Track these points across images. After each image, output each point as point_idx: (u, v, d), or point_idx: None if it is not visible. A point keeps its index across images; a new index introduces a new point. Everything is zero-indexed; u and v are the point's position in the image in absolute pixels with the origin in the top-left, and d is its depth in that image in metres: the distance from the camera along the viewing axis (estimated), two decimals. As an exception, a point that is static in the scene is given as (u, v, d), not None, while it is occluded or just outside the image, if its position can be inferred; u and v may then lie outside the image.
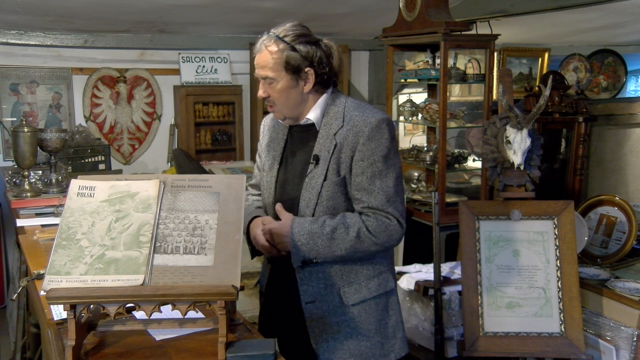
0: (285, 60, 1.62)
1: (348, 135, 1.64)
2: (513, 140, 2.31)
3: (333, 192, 1.65)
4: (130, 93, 4.64)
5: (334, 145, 1.65)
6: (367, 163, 1.62)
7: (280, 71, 1.63)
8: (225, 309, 1.32)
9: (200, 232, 1.40)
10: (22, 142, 2.89)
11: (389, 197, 1.63)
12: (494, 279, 2.33)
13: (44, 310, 1.59)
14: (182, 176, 1.52)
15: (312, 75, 1.65)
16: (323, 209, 1.66)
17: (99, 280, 1.32)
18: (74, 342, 1.31)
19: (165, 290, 1.30)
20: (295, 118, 1.72)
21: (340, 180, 1.65)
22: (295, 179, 1.72)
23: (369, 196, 1.63)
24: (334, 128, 1.67)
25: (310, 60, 1.64)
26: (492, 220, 2.39)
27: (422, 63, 3.68)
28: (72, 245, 1.37)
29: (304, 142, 1.74)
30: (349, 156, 1.64)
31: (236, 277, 1.33)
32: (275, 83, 1.65)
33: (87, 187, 1.46)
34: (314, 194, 1.66)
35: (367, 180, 1.62)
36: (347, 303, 1.68)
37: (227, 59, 4.85)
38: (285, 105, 1.68)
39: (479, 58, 3.87)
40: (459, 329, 2.46)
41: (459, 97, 5.15)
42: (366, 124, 1.62)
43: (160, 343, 1.43)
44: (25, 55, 4.22)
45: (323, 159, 1.66)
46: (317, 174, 1.66)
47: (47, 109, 4.35)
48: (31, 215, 2.74)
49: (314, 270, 1.68)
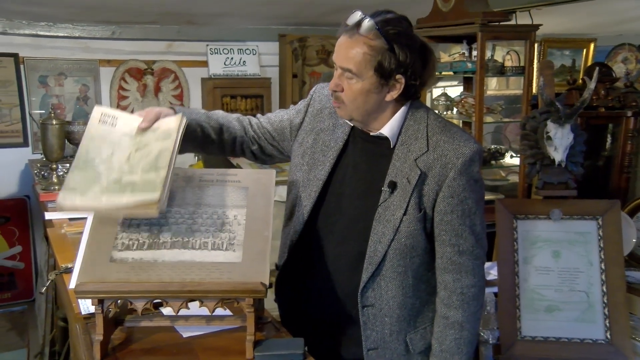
0: (379, 61, 1.39)
1: (434, 166, 1.44)
2: (554, 136, 2.27)
3: (414, 230, 1.46)
4: (157, 85, 4.70)
5: (418, 175, 1.45)
6: (457, 200, 1.44)
7: (368, 70, 1.40)
8: (253, 306, 1.33)
9: (228, 228, 1.41)
10: (51, 134, 2.96)
11: (477, 236, 1.49)
12: (532, 280, 2.29)
13: (71, 304, 1.62)
14: (210, 170, 1.54)
15: (402, 84, 1.44)
16: (400, 246, 1.47)
17: (114, 200, 1.33)
18: (102, 337, 1.33)
19: (193, 286, 1.32)
20: (364, 124, 1.52)
21: (422, 216, 1.47)
22: (357, 201, 1.53)
23: (458, 238, 1.47)
24: (415, 152, 1.46)
25: (405, 68, 1.41)
26: (530, 220, 2.35)
27: (458, 55, 3.63)
28: (90, 169, 1.39)
29: (371, 155, 1.53)
30: (434, 190, 1.45)
31: (265, 274, 1.33)
32: (355, 81, 1.42)
33: (110, 116, 1.47)
34: (391, 229, 1.46)
35: (457, 220, 1.46)
36: (413, 351, 1.55)
37: (255, 51, 4.87)
38: (358, 108, 1.46)
39: (518, 50, 3.80)
40: (494, 332, 2.43)
41: (496, 90, 5.07)
42: (458, 156, 1.43)
43: (187, 340, 1.45)
44: (54, 47, 4.31)
45: (401, 188, 1.46)
46: (393, 204, 1.46)
47: (74, 102, 4.44)
48: (59, 208, 2.80)
49: (380, 314, 1.51)
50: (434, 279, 1.55)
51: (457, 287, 1.49)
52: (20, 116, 4.24)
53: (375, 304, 1.51)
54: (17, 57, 4.20)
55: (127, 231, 1.40)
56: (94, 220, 1.44)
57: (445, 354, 1.51)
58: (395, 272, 1.49)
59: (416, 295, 1.54)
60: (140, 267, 1.34)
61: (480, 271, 1.51)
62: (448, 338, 1.50)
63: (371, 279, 1.50)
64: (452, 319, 1.50)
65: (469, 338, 1.51)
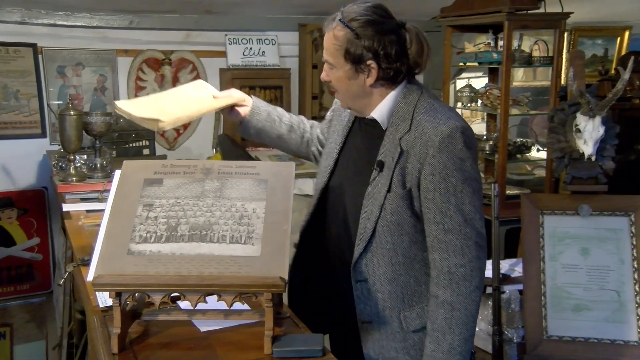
0: (346, 48, 1.51)
1: (415, 143, 1.50)
2: (584, 129, 2.23)
3: (397, 206, 1.53)
4: (175, 76, 4.73)
5: (399, 153, 1.52)
6: (438, 178, 1.48)
7: (339, 59, 1.53)
8: (272, 301, 1.33)
9: (247, 221, 1.41)
10: (68, 125, 2.98)
11: (465, 215, 1.49)
12: (559, 278, 2.26)
13: (89, 297, 1.64)
14: (229, 162, 1.54)
15: (375, 69, 1.52)
16: (386, 223, 1.54)
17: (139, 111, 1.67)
18: (120, 330, 1.35)
19: (211, 280, 1.32)
20: (359, 110, 1.63)
21: (406, 194, 1.52)
22: (355, 178, 1.64)
23: (442, 216, 1.49)
24: (400, 132, 1.54)
25: (375, 53, 1.50)
26: (557, 215, 2.32)
27: (483, 45, 3.60)
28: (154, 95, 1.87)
29: (369, 137, 1.63)
30: (416, 168, 1.50)
31: (284, 268, 1.33)
32: (335, 70, 1.56)
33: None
34: (377, 206, 1.54)
35: (440, 198, 1.48)
36: (407, 329, 1.59)
37: (275, 41, 4.87)
38: (346, 95, 1.60)
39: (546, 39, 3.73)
40: (519, 331, 2.41)
41: (523, 82, 5.01)
42: (437, 133, 1.47)
43: (205, 334, 1.46)
44: (72, 37, 4.36)
45: (387, 167, 1.54)
46: (380, 183, 1.55)
47: (92, 92, 4.49)
48: (76, 200, 2.83)
49: (372, 289, 1.58)
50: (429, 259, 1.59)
51: (444, 266, 1.51)
52: (38, 107, 4.30)
53: (368, 279, 1.58)
54: (36, 47, 4.26)
55: (145, 223, 1.41)
56: (112, 212, 1.45)
57: (436, 333, 1.53)
58: (384, 249, 1.56)
59: (409, 273, 1.58)
60: (158, 260, 1.35)
61: (470, 252, 1.50)
62: (439, 317, 1.52)
63: (363, 255, 1.58)
64: (442, 298, 1.52)
65: (461, 319, 1.51)
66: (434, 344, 1.53)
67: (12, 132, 4.23)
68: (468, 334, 1.53)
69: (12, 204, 4.25)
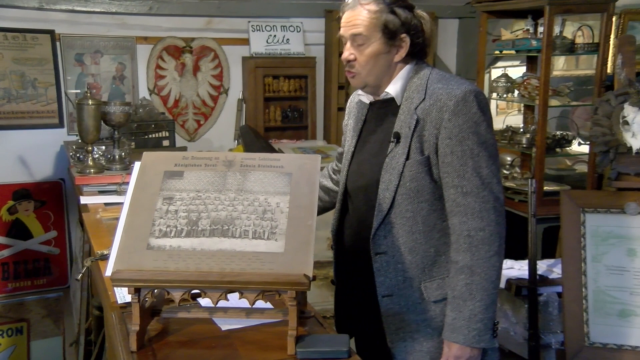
0: (384, 22, 1.62)
1: (431, 110, 1.61)
2: (632, 121, 2.19)
3: (417, 173, 1.62)
4: (196, 64, 4.76)
5: (416, 121, 1.62)
6: (455, 141, 1.58)
7: (376, 33, 1.63)
8: (295, 299, 1.33)
9: (270, 216, 1.42)
10: (87, 115, 3.02)
11: (483, 179, 1.58)
12: (602, 281, 2.22)
13: (107, 293, 1.67)
14: (252, 155, 1.54)
15: (407, 43, 1.65)
16: (406, 191, 1.63)
17: None
18: (138, 327, 1.37)
19: (232, 276, 1.33)
20: (376, 87, 1.71)
21: (425, 160, 1.62)
22: (372, 159, 1.72)
23: (460, 179, 1.58)
24: (415, 102, 1.65)
25: (408, 27, 1.64)
26: (600, 214, 2.28)
27: (522, 32, 3.55)
28: None
29: (383, 118, 1.74)
30: (433, 134, 1.60)
31: (308, 265, 1.34)
32: (366, 45, 1.64)
33: None
34: (395, 175, 1.64)
35: (457, 161, 1.58)
36: (428, 299, 1.66)
37: (300, 28, 4.87)
38: (371, 71, 1.67)
39: (592, 24, 3.66)
40: (557, 336, 2.38)
41: (564, 70, 4.93)
42: (450, 97, 1.58)
43: (226, 333, 1.47)
44: (90, 23, 4.42)
45: (404, 137, 1.64)
46: (398, 153, 1.64)
47: (110, 81, 4.54)
48: (94, 192, 2.87)
49: (392, 261, 1.67)
50: (449, 229, 1.65)
51: (463, 230, 1.58)
52: (56, 96, 4.37)
53: (388, 251, 1.66)
54: (53, 34, 4.32)
55: (165, 217, 1.43)
56: (131, 205, 1.47)
57: (457, 300, 1.58)
58: (404, 218, 1.64)
59: (429, 243, 1.65)
60: (178, 255, 1.37)
61: (489, 215, 1.57)
62: (459, 284, 1.58)
63: (382, 226, 1.66)
64: (462, 263, 1.58)
65: (481, 284, 1.56)
66: (455, 311, 1.58)
67: (30, 122, 4.30)
68: (489, 300, 1.57)
69: (29, 196, 4.33)
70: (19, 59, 4.24)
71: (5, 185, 4.27)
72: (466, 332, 1.56)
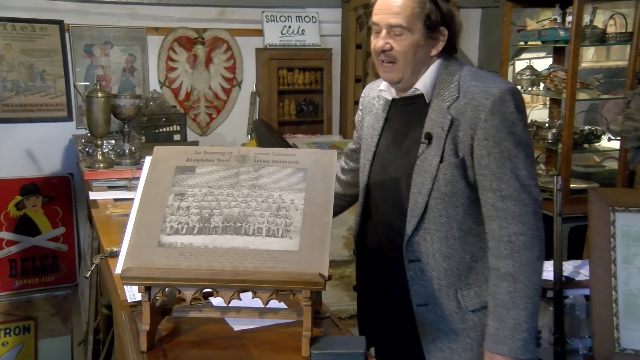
0: (427, 13, 1.60)
1: (466, 110, 1.58)
2: (664, 116, 2.16)
3: (451, 176, 1.59)
4: (208, 56, 4.77)
5: (450, 121, 1.59)
6: (492, 142, 1.55)
7: (418, 23, 1.60)
8: (310, 299, 1.33)
9: (284, 213, 1.42)
10: (96, 108, 3.05)
11: (522, 181, 1.55)
12: (634, 284, 2.19)
13: (117, 291, 1.68)
14: (265, 150, 1.55)
15: (445, 36, 1.64)
16: (440, 195, 1.60)
17: None
18: (149, 326, 1.38)
19: (246, 275, 1.34)
20: (410, 83, 1.67)
21: (459, 162, 1.59)
22: (399, 160, 1.69)
23: (499, 182, 1.55)
24: (447, 100, 1.61)
25: (447, 20, 1.63)
26: (632, 213, 2.25)
27: (548, 22, 3.52)
28: None
29: (409, 117, 1.70)
30: (468, 135, 1.57)
31: (324, 264, 1.34)
32: (405, 36, 1.60)
33: None
34: (429, 178, 1.60)
35: (495, 163, 1.55)
36: (465, 308, 1.64)
37: (315, 19, 4.86)
38: (409, 64, 1.63)
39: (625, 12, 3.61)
40: (585, 342, 2.36)
41: (593, 62, 4.87)
42: (487, 96, 1.55)
43: (238, 334, 1.48)
44: (100, 13, 4.45)
45: (437, 137, 1.60)
46: (430, 154, 1.61)
47: (120, 73, 4.58)
48: (103, 188, 2.90)
49: (427, 269, 1.64)
50: (485, 234, 1.62)
51: (503, 235, 1.55)
52: (64, 88, 4.41)
53: (421, 258, 1.64)
54: (62, 25, 4.36)
55: (176, 214, 1.44)
56: (141, 201, 1.48)
57: (500, 309, 1.55)
58: (438, 223, 1.61)
59: (465, 249, 1.63)
60: (190, 253, 1.38)
61: (530, 219, 1.55)
62: (501, 292, 1.55)
63: (415, 232, 1.63)
64: (503, 270, 1.55)
65: (525, 291, 1.54)
66: (498, 321, 1.55)
67: (38, 115, 4.35)
68: (533, 308, 1.55)
69: (37, 191, 4.38)
70: (27, 50, 4.28)
71: (13, 180, 4.32)
72: (511, 343, 1.53)
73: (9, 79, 4.25)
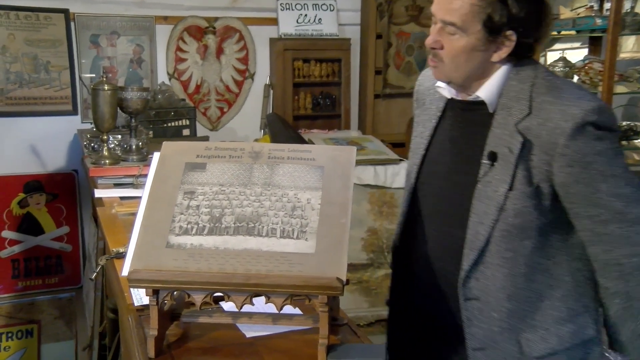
0: (489, 14, 1.41)
1: (540, 132, 1.42)
2: None
3: (522, 207, 1.44)
4: (219, 47, 4.78)
5: (521, 144, 1.44)
6: (578, 169, 1.40)
7: (475, 24, 1.42)
8: (327, 305, 1.33)
9: (300, 213, 1.42)
10: (102, 101, 3.07)
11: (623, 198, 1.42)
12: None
13: (123, 294, 1.70)
14: (280, 146, 1.55)
15: (513, 42, 1.45)
16: (506, 227, 1.46)
17: None
18: (157, 332, 1.39)
19: (258, 279, 1.34)
20: (462, 86, 1.54)
21: (533, 192, 1.44)
22: (455, 177, 1.57)
23: (595, 208, 1.42)
24: (516, 115, 1.46)
25: (518, 23, 1.42)
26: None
27: (584, 10, 3.49)
28: None
29: (468, 125, 1.57)
30: (544, 160, 1.43)
31: (342, 268, 1.34)
32: (459, 36, 1.44)
33: None
34: (494, 208, 1.46)
35: (586, 189, 1.41)
36: (529, 354, 1.50)
37: (333, 7, 4.86)
38: (458, 68, 1.49)
39: (670, -2, 3.58)
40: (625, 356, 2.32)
41: (633, 52, 4.82)
42: (566, 118, 1.39)
43: (251, 340, 1.48)
44: (106, 2, 4.47)
45: (503, 159, 1.46)
46: (495, 179, 1.46)
47: (127, 65, 4.60)
48: (109, 185, 2.92)
49: (486, 309, 1.51)
50: (555, 269, 1.51)
51: (609, 259, 1.46)
52: (69, 80, 4.44)
53: (480, 296, 1.51)
54: (68, 14, 4.38)
55: (186, 213, 1.44)
56: (149, 199, 1.49)
57: (613, 320, 1.51)
58: (502, 259, 1.48)
59: (531, 287, 1.51)
60: (200, 254, 1.38)
61: (638, 239, 1.44)
62: (613, 307, 1.50)
63: (474, 267, 1.50)
64: (614, 289, 1.48)
65: None
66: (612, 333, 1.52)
67: (42, 109, 4.38)
68: None
69: (41, 188, 4.41)
70: (31, 40, 4.31)
71: (16, 177, 4.34)
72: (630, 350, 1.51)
73: (12, 71, 4.28)
